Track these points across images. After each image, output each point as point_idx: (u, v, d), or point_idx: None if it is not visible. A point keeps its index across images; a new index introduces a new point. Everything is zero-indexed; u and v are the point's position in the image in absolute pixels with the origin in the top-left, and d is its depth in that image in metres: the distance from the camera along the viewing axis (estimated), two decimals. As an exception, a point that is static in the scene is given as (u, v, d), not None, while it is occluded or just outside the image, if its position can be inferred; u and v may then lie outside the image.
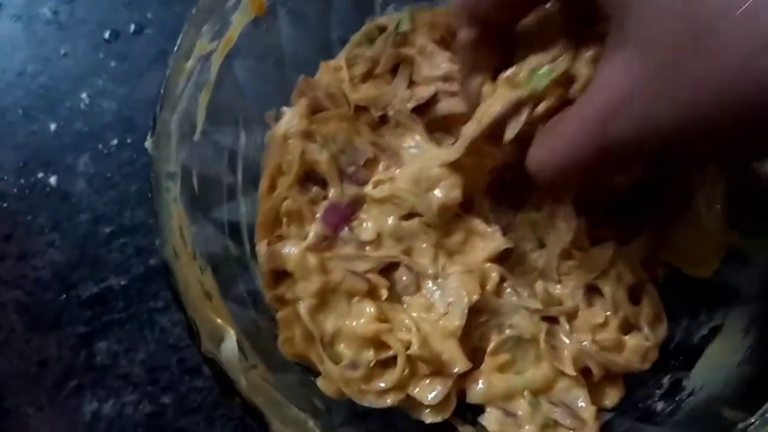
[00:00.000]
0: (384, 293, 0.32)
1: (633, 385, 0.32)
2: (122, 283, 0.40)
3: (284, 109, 0.35)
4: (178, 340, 0.39)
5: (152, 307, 0.40)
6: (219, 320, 0.28)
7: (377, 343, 0.31)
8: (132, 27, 0.45)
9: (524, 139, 0.28)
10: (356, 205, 0.34)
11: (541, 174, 0.26)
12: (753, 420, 0.26)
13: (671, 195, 0.31)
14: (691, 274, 0.31)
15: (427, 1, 0.37)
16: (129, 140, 0.43)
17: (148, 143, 0.28)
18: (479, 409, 0.32)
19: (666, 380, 0.31)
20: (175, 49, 0.29)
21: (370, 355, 0.31)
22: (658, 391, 0.31)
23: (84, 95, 0.44)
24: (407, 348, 0.30)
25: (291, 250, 0.32)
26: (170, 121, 0.29)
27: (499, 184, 0.34)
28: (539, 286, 0.32)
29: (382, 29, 0.36)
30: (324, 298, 0.32)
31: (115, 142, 0.43)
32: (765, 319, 0.30)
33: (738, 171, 0.30)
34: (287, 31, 0.35)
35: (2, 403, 0.39)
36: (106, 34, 0.45)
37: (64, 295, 0.40)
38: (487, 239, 0.33)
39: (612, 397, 0.31)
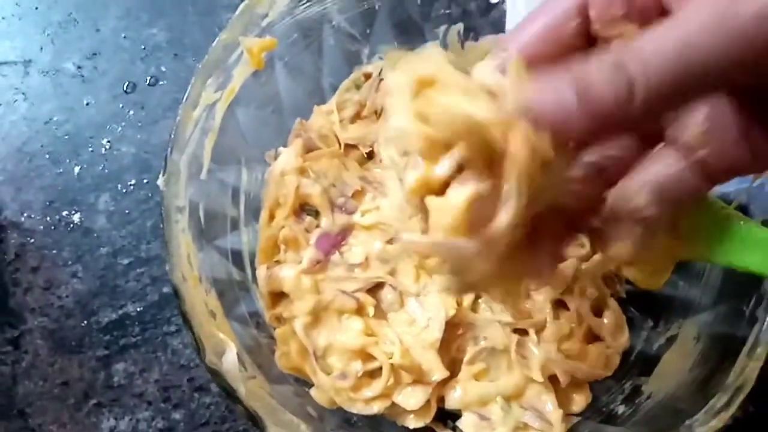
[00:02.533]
0: (371, 310, 0.35)
1: (599, 391, 0.35)
2: (138, 309, 0.44)
3: (281, 149, 0.40)
4: (188, 360, 0.43)
5: (165, 331, 0.44)
6: (221, 335, 0.32)
7: (364, 355, 0.34)
8: (148, 79, 0.50)
9: None
10: (346, 232, 0.38)
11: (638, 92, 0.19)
12: (698, 417, 0.29)
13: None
14: (643, 287, 0.34)
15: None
16: (145, 180, 0.47)
17: (160, 181, 0.32)
18: (457, 415, 0.35)
19: (627, 386, 0.34)
20: (184, 99, 0.33)
21: (358, 366, 0.34)
22: (620, 396, 0.34)
23: (105, 141, 0.48)
24: (391, 359, 0.34)
25: (287, 273, 0.36)
26: (179, 161, 0.33)
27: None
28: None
29: (367, 76, 0.41)
30: (317, 316, 0.35)
31: (132, 182, 0.47)
32: (712, 327, 0.33)
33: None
34: (284, 81, 0.40)
35: (27, 422, 0.43)
36: (125, 86, 0.50)
37: (86, 322, 0.44)
38: (464, 260, 0.36)
39: (579, 402, 0.34)
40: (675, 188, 0.22)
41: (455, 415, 0.35)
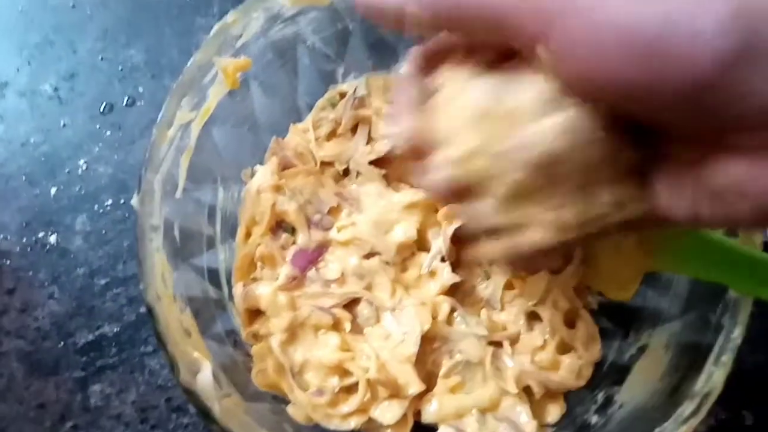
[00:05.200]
0: (347, 325, 0.36)
1: (573, 402, 0.36)
2: (115, 330, 0.44)
3: (258, 167, 0.40)
4: (166, 380, 0.43)
5: (142, 352, 0.43)
6: (196, 353, 0.32)
7: (341, 370, 0.35)
8: (125, 100, 0.50)
9: None
10: (322, 248, 0.38)
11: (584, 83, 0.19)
12: (667, 424, 0.29)
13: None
14: (613, 298, 0.35)
15: (382, 70, 0.42)
16: (122, 200, 0.47)
17: (134, 200, 0.32)
18: (434, 428, 0.35)
19: (600, 396, 0.35)
20: (159, 118, 0.34)
21: (334, 382, 0.34)
22: (593, 406, 0.35)
23: (82, 161, 0.48)
24: (367, 373, 0.34)
25: (264, 290, 0.36)
26: (154, 180, 0.33)
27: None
28: (484, 314, 0.36)
29: (342, 95, 0.42)
30: (293, 332, 0.35)
31: (109, 202, 0.47)
32: (681, 336, 0.33)
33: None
34: (259, 100, 0.40)
35: (3, 446, 0.42)
36: (102, 107, 0.50)
37: (62, 343, 0.44)
38: (439, 274, 0.37)
39: (553, 413, 0.35)
40: None
41: (432, 429, 0.35)
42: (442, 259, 0.37)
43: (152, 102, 0.50)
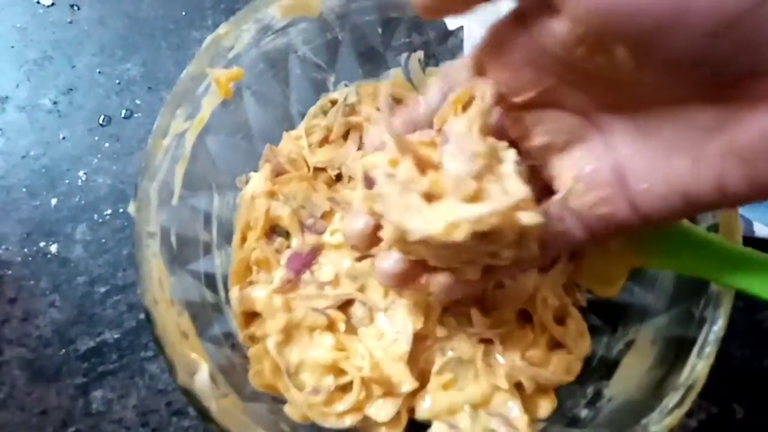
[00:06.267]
0: (342, 326, 0.37)
1: (563, 396, 0.36)
2: (116, 336, 0.45)
3: (252, 173, 0.41)
4: (166, 385, 0.44)
5: (143, 357, 0.44)
6: (193, 355, 0.32)
7: (336, 370, 0.35)
8: (123, 112, 0.51)
9: None
10: (316, 251, 0.39)
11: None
12: (652, 415, 0.30)
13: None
14: (601, 295, 0.36)
15: (372, 78, 0.44)
16: (121, 210, 0.48)
17: (130, 208, 0.33)
18: (428, 425, 0.36)
19: (590, 390, 0.36)
20: (154, 128, 0.35)
21: (330, 381, 0.35)
22: (583, 400, 0.35)
23: (81, 173, 0.50)
24: (361, 372, 0.35)
25: (259, 293, 0.37)
26: (150, 188, 0.34)
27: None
28: (476, 312, 0.36)
29: (333, 102, 0.43)
30: (289, 333, 0.36)
31: (108, 212, 0.48)
32: (667, 330, 0.34)
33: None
34: (253, 109, 0.41)
35: (6, 453, 0.43)
36: (101, 119, 0.51)
37: (64, 350, 0.45)
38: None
39: (545, 408, 0.36)
40: None
41: (426, 426, 0.36)
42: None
43: (149, 114, 0.51)
